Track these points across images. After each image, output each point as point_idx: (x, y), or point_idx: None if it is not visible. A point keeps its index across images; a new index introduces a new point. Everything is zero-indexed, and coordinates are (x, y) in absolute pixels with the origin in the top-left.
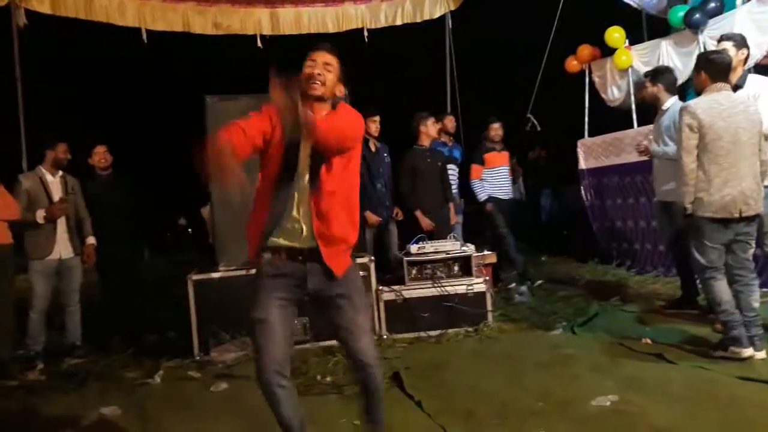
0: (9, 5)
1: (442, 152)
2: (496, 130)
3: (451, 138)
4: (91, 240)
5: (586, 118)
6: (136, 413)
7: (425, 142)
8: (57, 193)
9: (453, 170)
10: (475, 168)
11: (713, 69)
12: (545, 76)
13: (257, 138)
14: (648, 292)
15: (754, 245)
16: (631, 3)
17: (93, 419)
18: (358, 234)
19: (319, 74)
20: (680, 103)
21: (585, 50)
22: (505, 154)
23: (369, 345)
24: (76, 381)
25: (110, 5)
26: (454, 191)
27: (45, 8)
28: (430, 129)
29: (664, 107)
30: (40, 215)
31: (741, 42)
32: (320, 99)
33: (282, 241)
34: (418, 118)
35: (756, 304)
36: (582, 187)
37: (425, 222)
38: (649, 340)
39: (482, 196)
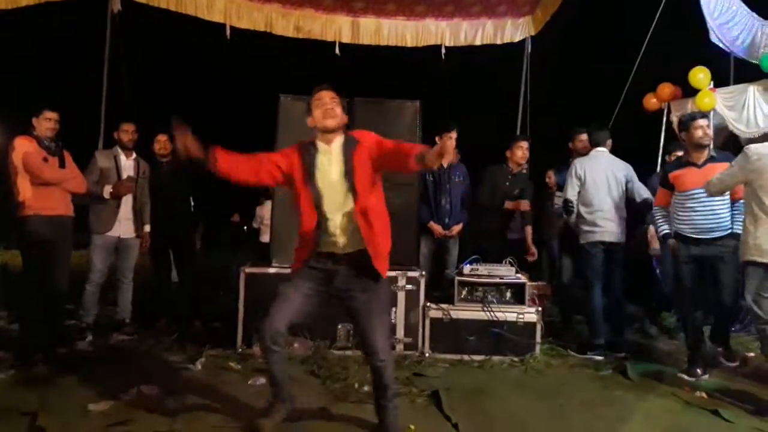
0: None
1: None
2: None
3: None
4: (147, 228)
5: (659, 159)
6: (174, 395)
7: (511, 166)
8: (128, 174)
9: None
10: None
11: None
12: (622, 110)
13: (274, 170)
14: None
15: None
16: (721, 45)
17: (132, 395)
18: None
19: (331, 108)
20: None
21: (666, 88)
22: None
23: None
24: (120, 356)
25: None
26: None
27: None
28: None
29: None
30: (106, 191)
31: None
32: (335, 130)
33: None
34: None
35: None
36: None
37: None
38: (704, 394)
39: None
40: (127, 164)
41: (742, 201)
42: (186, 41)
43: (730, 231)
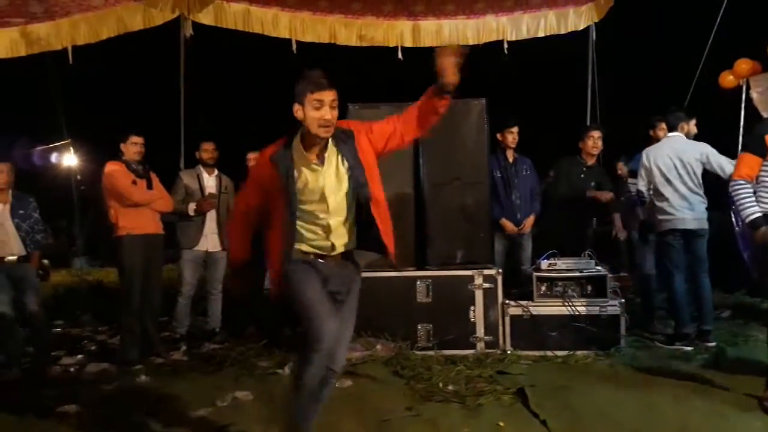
0: (179, 17)
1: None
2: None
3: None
4: None
5: (740, 138)
6: (266, 399)
7: (585, 157)
8: (210, 190)
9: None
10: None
11: None
12: (696, 91)
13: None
14: None
15: None
16: None
17: (227, 401)
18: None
19: (330, 119)
20: None
21: (743, 64)
22: None
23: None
24: (214, 364)
25: (265, 17)
26: None
27: (209, 20)
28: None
29: None
30: (191, 208)
31: None
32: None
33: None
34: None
35: None
36: (732, 212)
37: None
38: None
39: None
40: (210, 181)
41: None
42: (254, 58)
43: None
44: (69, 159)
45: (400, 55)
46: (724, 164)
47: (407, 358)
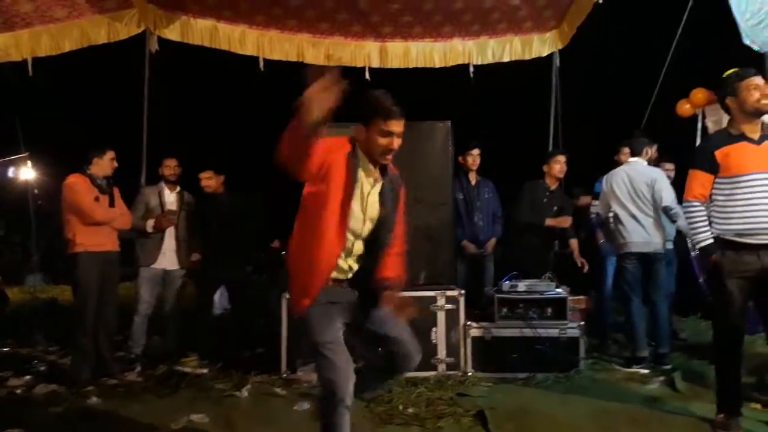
0: (145, 32)
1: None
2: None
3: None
4: (194, 256)
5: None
6: (222, 423)
7: (549, 181)
8: (171, 207)
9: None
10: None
11: None
12: (654, 119)
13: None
14: (755, 354)
15: None
16: (753, 46)
17: (182, 424)
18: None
19: (395, 149)
20: None
21: (699, 93)
22: None
23: None
24: (169, 386)
25: (233, 34)
26: None
27: (175, 36)
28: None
29: None
30: (149, 225)
31: None
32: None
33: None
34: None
35: None
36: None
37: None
38: (758, 406)
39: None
40: (170, 197)
41: None
42: (221, 75)
43: None
44: (26, 172)
45: (367, 76)
46: (663, 194)
47: None
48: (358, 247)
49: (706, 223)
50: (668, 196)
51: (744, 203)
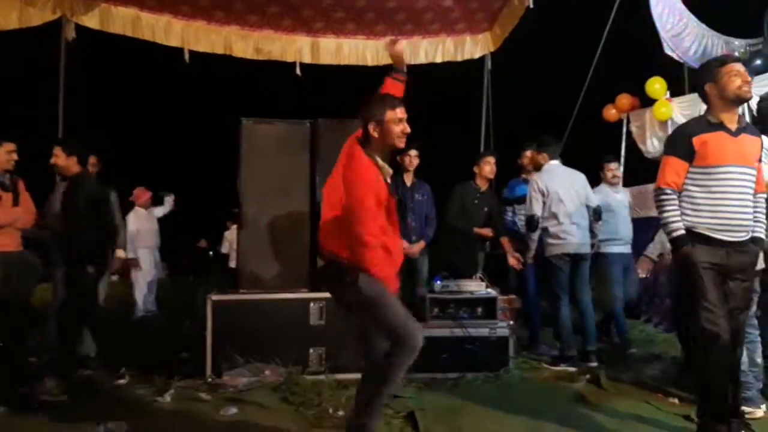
0: (61, 19)
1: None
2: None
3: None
4: (120, 253)
5: (622, 169)
6: (143, 430)
7: (479, 183)
8: None
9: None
10: None
11: None
12: (582, 123)
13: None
14: (677, 350)
15: None
16: (674, 56)
17: None
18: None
19: (408, 132)
20: None
21: (624, 99)
22: None
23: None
24: (85, 393)
25: (157, 24)
26: None
27: (94, 24)
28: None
29: None
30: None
31: None
32: None
33: None
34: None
35: (759, 360)
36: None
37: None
38: (676, 400)
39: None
40: None
41: (763, 195)
42: (144, 66)
43: (750, 234)
44: None
45: (298, 71)
46: (592, 196)
47: (297, 383)
48: None
49: (679, 212)
50: (595, 197)
51: (717, 197)
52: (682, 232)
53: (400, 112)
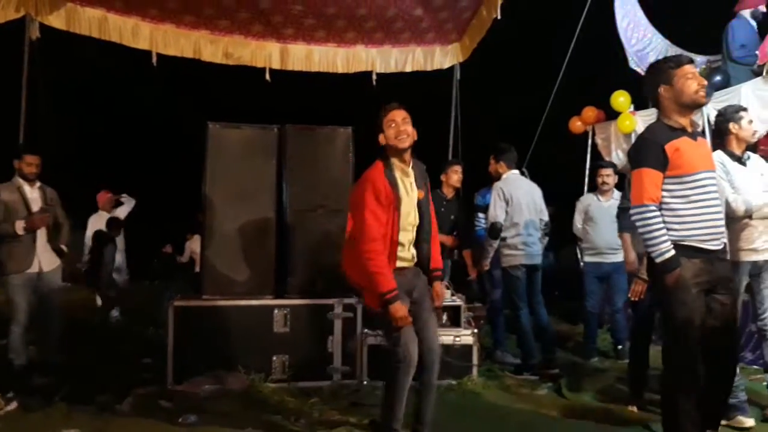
0: (25, 17)
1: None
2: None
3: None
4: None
5: (586, 180)
6: None
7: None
8: (36, 205)
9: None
10: None
11: None
12: (548, 135)
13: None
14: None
15: None
16: (639, 70)
17: None
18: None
19: (404, 129)
20: None
21: (589, 112)
22: None
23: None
24: (42, 399)
25: (124, 26)
26: None
27: (59, 24)
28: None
29: None
30: (19, 226)
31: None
32: (408, 150)
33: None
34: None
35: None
36: (578, 249)
37: None
38: (635, 408)
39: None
40: (33, 194)
41: None
42: (110, 67)
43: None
44: None
45: (267, 77)
46: (545, 210)
47: (260, 391)
48: (413, 236)
49: (665, 230)
50: (546, 212)
51: (699, 205)
52: (673, 252)
53: (391, 116)
